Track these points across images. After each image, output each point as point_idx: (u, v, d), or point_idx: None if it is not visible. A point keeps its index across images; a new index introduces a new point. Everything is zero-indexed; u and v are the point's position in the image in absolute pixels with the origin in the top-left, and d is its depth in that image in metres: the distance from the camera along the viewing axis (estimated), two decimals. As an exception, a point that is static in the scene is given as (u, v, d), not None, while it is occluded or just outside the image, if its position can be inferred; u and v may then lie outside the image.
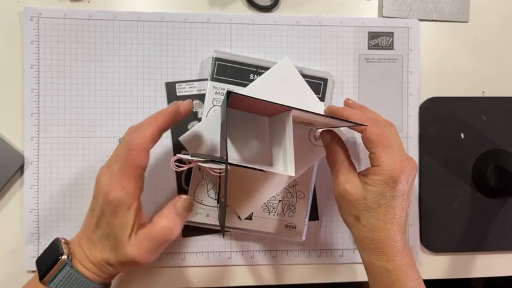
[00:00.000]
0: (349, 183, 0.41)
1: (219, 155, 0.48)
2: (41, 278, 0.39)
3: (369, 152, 0.41)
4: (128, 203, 0.38)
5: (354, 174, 0.42)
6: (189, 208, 0.42)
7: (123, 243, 0.38)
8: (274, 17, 0.53)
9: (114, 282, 0.51)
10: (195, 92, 0.52)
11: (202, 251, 0.52)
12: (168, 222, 0.39)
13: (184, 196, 0.42)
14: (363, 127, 0.41)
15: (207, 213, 0.51)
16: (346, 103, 0.50)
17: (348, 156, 0.44)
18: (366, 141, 0.41)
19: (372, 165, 0.41)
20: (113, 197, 0.38)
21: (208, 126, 0.50)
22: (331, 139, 0.44)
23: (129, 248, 0.38)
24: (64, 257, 0.39)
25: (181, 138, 0.50)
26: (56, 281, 0.39)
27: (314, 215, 0.53)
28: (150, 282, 0.52)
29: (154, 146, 0.40)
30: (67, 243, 0.41)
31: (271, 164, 0.46)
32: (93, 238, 0.40)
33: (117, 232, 0.38)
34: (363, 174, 0.41)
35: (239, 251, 0.53)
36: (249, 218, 0.51)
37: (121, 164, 0.38)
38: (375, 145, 0.40)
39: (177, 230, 0.40)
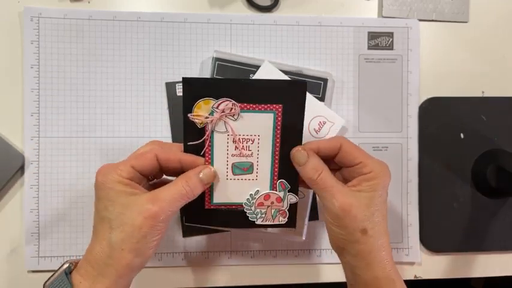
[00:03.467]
0: (349, 196, 0.39)
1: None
2: (44, 283, 0.38)
3: (349, 166, 0.41)
4: (118, 178, 0.37)
5: (346, 188, 0.40)
6: (212, 179, 0.41)
7: (127, 204, 0.36)
8: (274, 17, 0.53)
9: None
10: (195, 92, 0.52)
11: (202, 251, 0.52)
12: (190, 181, 0.38)
13: (211, 167, 0.41)
14: (338, 144, 0.40)
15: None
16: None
17: (330, 171, 0.41)
18: (347, 155, 0.40)
19: (363, 173, 0.40)
20: (100, 177, 0.37)
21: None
22: (309, 156, 0.40)
23: (140, 202, 0.36)
24: (66, 265, 0.38)
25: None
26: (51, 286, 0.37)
27: (314, 215, 0.53)
28: (150, 282, 0.52)
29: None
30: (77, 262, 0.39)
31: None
32: (94, 231, 0.38)
33: (112, 199, 0.36)
34: (353, 185, 0.40)
35: (239, 251, 0.53)
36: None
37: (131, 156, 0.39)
38: (359, 155, 0.40)
39: (196, 192, 0.39)
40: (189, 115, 0.39)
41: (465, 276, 0.55)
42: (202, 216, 0.43)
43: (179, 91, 0.52)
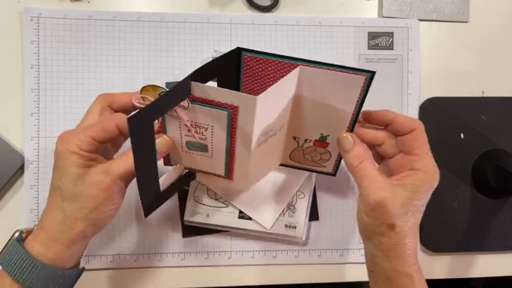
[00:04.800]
0: (386, 190, 0.38)
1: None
2: None
3: (406, 153, 0.40)
4: (75, 150, 0.37)
5: (387, 180, 0.39)
6: (166, 148, 0.40)
7: (79, 175, 0.36)
8: (274, 17, 0.53)
9: (113, 282, 0.51)
10: (195, 92, 0.52)
11: (202, 251, 0.52)
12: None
13: (165, 135, 0.40)
14: (412, 128, 0.39)
15: (207, 213, 0.51)
16: (367, 115, 0.43)
17: (374, 161, 0.41)
18: (412, 141, 0.39)
19: (413, 168, 0.39)
20: (59, 145, 0.37)
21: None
22: (355, 143, 0.40)
23: (93, 173, 0.36)
24: (16, 233, 0.38)
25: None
26: (2, 257, 0.37)
27: (314, 215, 0.53)
28: (150, 282, 0.52)
29: None
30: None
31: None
32: (49, 197, 0.38)
33: (66, 170, 0.37)
34: (397, 179, 0.39)
35: (239, 251, 0.53)
36: (249, 218, 0.51)
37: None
38: (421, 148, 0.39)
39: None
40: (133, 99, 0.38)
41: (465, 276, 0.55)
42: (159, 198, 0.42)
43: (179, 91, 0.52)
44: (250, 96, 0.34)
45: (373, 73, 0.37)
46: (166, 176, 0.43)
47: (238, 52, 0.38)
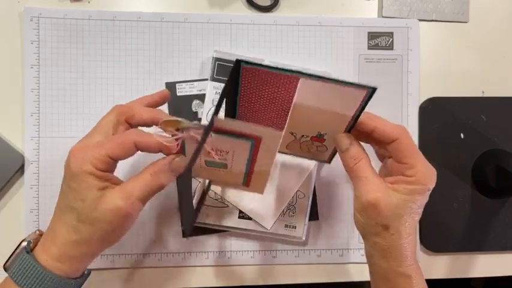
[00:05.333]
0: (380, 191, 0.38)
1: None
2: (4, 264, 0.38)
3: (396, 161, 0.39)
4: (91, 170, 0.36)
5: (382, 181, 0.39)
6: (182, 168, 0.39)
7: (94, 199, 0.36)
8: (274, 17, 0.53)
9: (113, 282, 0.51)
10: (195, 92, 0.52)
11: (202, 251, 0.52)
12: (159, 172, 0.37)
13: (183, 155, 0.39)
14: (395, 136, 0.39)
15: (207, 213, 0.51)
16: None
17: (370, 161, 0.40)
18: (399, 151, 0.39)
19: (404, 175, 0.39)
20: (73, 163, 0.36)
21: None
22: (351, 143, 0.40)
23: (110, 198, 0.36)
24: (24, 243, 0.38)
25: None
26: (13, 269, 0.37)
27: (314, 215, 0.53)
28: (150, 282, 0.52)
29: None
30: (41, 234, 0.39)
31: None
32: (60, 213, 0.38)
33: (83, 193, 0.36)
34: (391, 182, 0.39)
35: (239, 251, 0.53)
36: (249, 218, 0.51)
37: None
38: (410, 155, 0.39)
39: (166, 182, 0.38)
40: (155, 131, 0.38)
41: (465, 276, 0.55)
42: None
43: (179, 91, 0.52)
44: (275, 130, 0.35)
45: (374, 89, 0.37)
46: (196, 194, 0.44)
47: (237, 64, 0.38)
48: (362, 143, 0.41)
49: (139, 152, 0.38)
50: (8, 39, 0.51)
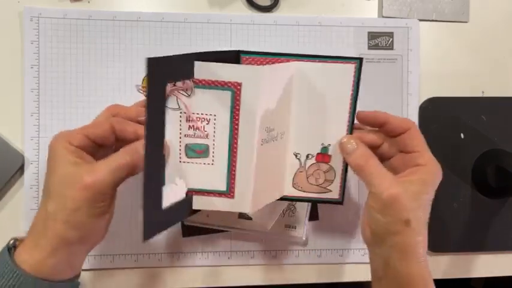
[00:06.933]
0: (397, 186, 0.38)
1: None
2: None
3: (407, 151, 0.40)
4: (65, 145, 0.36)
5: (394, 177, 0.39)
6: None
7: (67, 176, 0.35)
8: (274, 17, 0.53)
9: (113, 282, 0.51)
10: (195, 92, 0.52)
11: (202, 251, 0.52)
12: (132, 151, 0.36)
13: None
14: (407, 126, 0.40)
15: (207, 213, 0.51)
16: (360, 116, 0.43)
17: (378, 159, 0.41)
18: (411, 140, 0.40)
19: (417, 163, 0.39)
20: (52, 141, 0.37)
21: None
22: (357, 143, 0.41)
23: (77, 172, 0.35)
24: (11, 241, 0.37)
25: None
26: None
27: (314, 215, 0.53)
28: (150, 282, 0.52)
29: None
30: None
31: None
32: (41, 206, 0.37)
33: (55, 168, 0.36)
34: (403, 177, 0.39)
35: (239, 251, 0.53)
36: (249, 218, 0.51)
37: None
38: (422, 145, 0.40)
39: (139, 164, 0.36)
40: (136, 85, 0.38)
41: (465, 276, 0.55)
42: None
43: (179, 91, 0.52)
44: (254, 66, 0.36)
45: (361, 60, 0.39)
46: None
47: (237, 55, 0.39)
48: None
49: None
50: (8, 39, 0.51)
